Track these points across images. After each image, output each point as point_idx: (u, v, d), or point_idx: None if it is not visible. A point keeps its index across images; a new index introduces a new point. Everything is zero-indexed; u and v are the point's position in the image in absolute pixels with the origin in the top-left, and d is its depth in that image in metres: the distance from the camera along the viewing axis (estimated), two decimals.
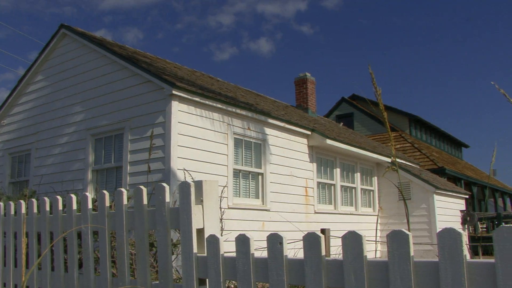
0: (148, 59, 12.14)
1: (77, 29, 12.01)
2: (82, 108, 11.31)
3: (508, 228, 1.91)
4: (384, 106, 3.36)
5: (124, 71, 10.59)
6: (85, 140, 11.02)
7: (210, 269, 2.91)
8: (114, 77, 10.80)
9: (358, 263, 2.29)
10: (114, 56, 10.74)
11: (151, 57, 13.13)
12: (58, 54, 12.44)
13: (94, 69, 11.32)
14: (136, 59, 10.86)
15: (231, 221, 9.77)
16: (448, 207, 17.30)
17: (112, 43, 12.30)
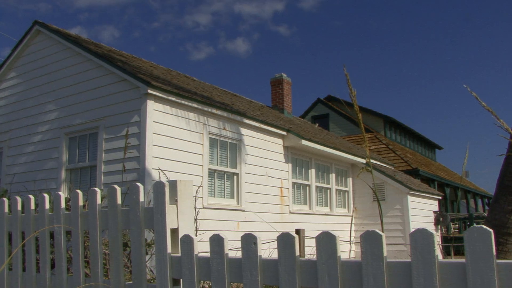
0: (124, 58, 12.05)
1: (51, 26, 11.85)
2: (56, 106, 11.17)
3: (478, 229, 1.95)
4: (359, 107, 3.39)
5: (99, 70, 10.50)
6: (59, 138, 10.89)
7: (184, 269, 2.91)
8: (89, 75, 10.69)
9: (332, 263, 2.30)
10: (89, 54, 10.63)
11: (126, 56, 13.03)
12: (32, 51, 12.26)
13: (69, 67, 11.19)
14: (112, 58, 10.77)
15: (206, 221, 9.75)
16: (421, 208, 17.50)
17: (87, 41, 12.17)
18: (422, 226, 2.10)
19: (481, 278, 1.91)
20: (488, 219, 7.15)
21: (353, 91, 3.32)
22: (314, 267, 2.38)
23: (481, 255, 1.92)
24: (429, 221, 17.95)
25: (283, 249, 2.48)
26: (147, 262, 4.04)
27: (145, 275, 3.19)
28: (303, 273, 2.43)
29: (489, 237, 1.92)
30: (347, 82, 3.34)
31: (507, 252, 6.81)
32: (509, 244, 6.82)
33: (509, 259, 6.55)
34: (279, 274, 2.48)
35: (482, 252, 1.92)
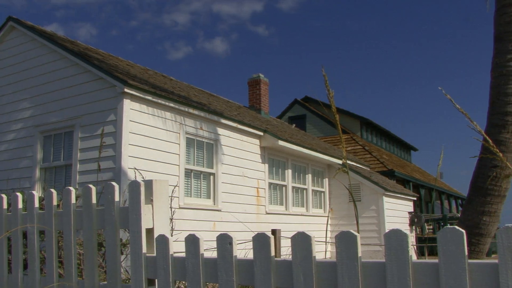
0: (100, 56, 11.95)
1: (26, 23, 11.69)
2: (31, 104, 11.02)
3: (451, 230, 1.97)
4: (336, 108, 3.41)
5: (75, 68, 10.39)
6: (33, 137, 10.75)
7: (159, 269, 2.89)
8: (65, 73, 10.57)
9: (307, 264, 2.31)
10: (65, 52, 10.52)
11: (103, 54, 12.92)
12: (6, 47, 12.07)
13: (44, 65, 11.05)
14: (88, 56, 10.67)
15: (182, 221, 9.71)
16: (396, 209, 17.66)
17: (63, 38, 12.03)
18: (397, 227, 2.12)
19: (454, 278, 1.94)
20: (462, 220, 7.25)
21: (331, 92, 3.34)
22: (289, 267, 2.39)
23: (454, 256, 1.95)
24: (404, 221, 18.13)
25: (259, 250, 2.48)
26: (122, 262, 4.01)
27: (120, 275, 3.17)
28: (279, 273, 2.43)
29: (462, 237, 1.94)
30: (325, 83, 3.35)
31: (479, 252, 6.92)
32: (481, 245, 6.93)
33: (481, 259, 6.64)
34: (255, 274, 2.48)
35: (454, 252, 1.94)
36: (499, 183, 6.81)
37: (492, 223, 6.93)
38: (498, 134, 6.83)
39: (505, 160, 3.33)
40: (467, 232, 2.90)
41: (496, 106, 6.98)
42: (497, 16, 7.29)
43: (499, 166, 6.76)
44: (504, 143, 6.80)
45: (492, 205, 6.85)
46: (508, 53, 6.96)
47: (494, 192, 6.84)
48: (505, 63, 6.96)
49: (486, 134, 3.69)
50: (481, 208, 6.89)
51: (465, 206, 7.29)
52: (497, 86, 7.03)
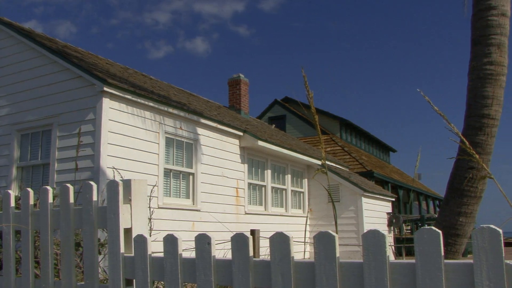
0: (80, 54, 11.84)
1: (3, 19, 11.53)
2: (8, 102, 10.88)
3: (428, 230, 1.99)
4: (316, 109, 3.42)
5: (53, 65, 10.27)
6: (10, 135, 10.61)
7: (137, 270, 2.88)
8: (43, 71, 10.45)
9: (285, 264, 2.32)
10: (43, 49, 10.40)
11: (82, 52, 12.80)
12: None
13: (21, 62, 10.90)
14: (67, 54, 10.56)
15: (161, 221, 9.67)
16: (375, 209, 17.79)
17: (41, 36, 11.89)
18: (375, 227, 2.14)
19: (430, 278, 1.96)
20: (439, 221, 7.33)
21: (310, 92, 3.35)
22: (267, 267, 2.39)
23: (430, 256, 1.97)
24: (383, 222, 18.28)
25: (237, 250, 2.48)
26: (100, 262, 3.98)
27: (98, 275, 3.14)
28: (257, 273, 2.44)
29: (438, 238, 1.96)
30: (305, 83, 3.36)
31: (455, 252, 7.00)
32: (457, 245, 7.01)
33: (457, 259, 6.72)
34: (233, 274, 2.49)
35: (431, 252, 1.97)
36: (475, 185, 6.90)
37: (468, 224, 7.02)
38: (474, 136, 6.92)
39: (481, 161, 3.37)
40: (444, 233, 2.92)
41: (473, 108, 7.08)
42: (474, 20, 7.39)
43: (476, 167, 6.85)
44: (481, 145, 6.89)
45: (468, 206, 6.94)
46: (484, 57, 7.06)
47: (470, 193, 6.93)
48: (482, 66, 7.06)
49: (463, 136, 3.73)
50: (458, 209, 6.97)
51: (442, 207, 7.38)
52: (474, 88, 7.12)
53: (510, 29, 7.23)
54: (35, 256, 4.55)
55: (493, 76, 6.98)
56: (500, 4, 7.16)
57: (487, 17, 7.15)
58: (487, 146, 6.94)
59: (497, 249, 1.85)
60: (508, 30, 7.20)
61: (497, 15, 7.13)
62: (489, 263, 1.85)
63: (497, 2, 7.15)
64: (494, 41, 7.08)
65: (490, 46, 7.08)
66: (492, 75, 6.98)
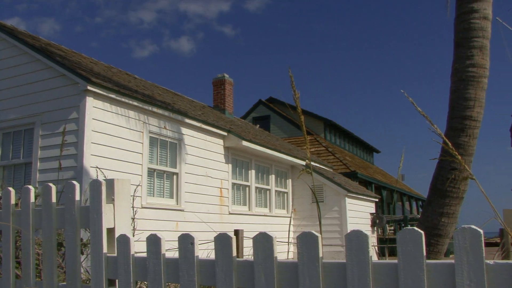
0: (63, 52, 11.74)
1: None
2: None
3: (410, 231, 2.01)
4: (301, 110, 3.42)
5: (36, 63, 10.18)
6: None
7: (120, 270, 2.87)
8: (25, 69, 10.35)
9: (268, 264, 2.32)
10: (26, 47, 10.30)
11: (66, 50, 12.70)
12: None
13: (3, 59, 10.79)
14: (50, 52, 10.48)
15: (144, 220, 9.63)
16: (359, 210, 17.88)
17: (23, 33, 11.78)
18: (359, 228, 2.16)
19: (412, 278, 1.97)
20: (421, 221, 7.38)
21: (297, 93, 3.35)
22: (251, 267, 2.39)
23: (412, 256, 1.98)
24: (366, 222, 18.37)
25: (220, 250, 2.48)
26: (83, 262, 3.95)
27: (80, 275, 3.12)
28: (240, 273, 2.44)
29: (420, 238, 1.98)
30: (292, 84, 3.36)
31: (437, 252, 7.06)
32: (439, 245, 7.07)
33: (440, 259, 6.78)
34: (216, 274, 2.48)
35: (413, 253, 1.98)
36: (458, 185, 6.96)
37: (450, 224, 7.08)
38: (457, 138, 6.98)
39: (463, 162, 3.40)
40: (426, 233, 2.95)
41: (455, 110, 7.14)
42: (457, 23, 7.46)
43: (458, 168, 6.91)
44: (463, 146, 6.95)
45: (450, 207, 7.00)
46: (467, 59, 7.13)
47: (452, 194, 6.99)
48: (464, 69, 7.12)
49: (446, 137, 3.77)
50: (440, 210, 7.03)
51: (425, 207, 7.43)
52: (456, 90, 7.18)
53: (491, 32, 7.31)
54: (16, 256, 4.51)
55: (475, 78, 7.05)
56: (482, 7, 7.23)
57: (469, 20, 7.22)
58: (469, 147, 7.01)
59: (477, 249, 1.87)
60: (489, 33, 7.27)
61: (479, 18, 7.20)
62: (470, 263, 1.87)
63: (479, 5, 7.23)
64: (476, 44, 7.15)
65: (473, 48, 7.15)
66: (475, 77, 7.05)
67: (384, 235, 22.73)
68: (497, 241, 16.65)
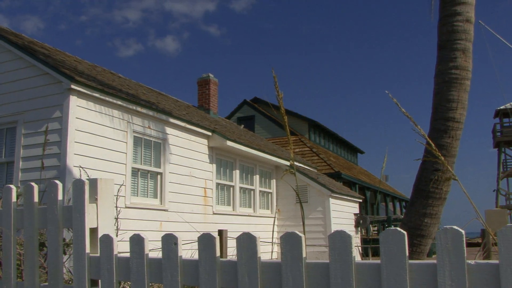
0: (47, 51, 11.64)
1: None
2: None
3: (393, 231, 2.02)
4: (285, 110, 3.43)
5: (19, 61, 10.09)
6: None
7: (103, 270, 2.85)
8: (8, 67, 10.26)
9: (252, 264, 2.32)
10: (9, 45, 10.20)
11: (49, 49, 12.60)
12: None
13: None
14: (33, 50, 10.39)
15: (128, 220, 9.59)
16: (343, 210, 17.94)
17: (6, 31, 11.66)
18: (343, 228, 2.16)
19: (394, 278, 1.99)
20: (404, 222, 7.43)
21: (280, 93, 3.36)
22: (234, 267, 2.39)
23: (395, 256, 2.00)
24: (350, 223, 18.45)
25: (204, 250, 2.48)
26: (65, 262, 3.93)
27: (62, 275, 3.10)
28: (224, 273, 2.44)
29: (403, 239, 1.99)
30: (275, 84, 3.36)
31: (420, 253, 7.11)
32: (422, 245, 7.13)
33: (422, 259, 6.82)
34: (200, 275, 2.48)
35: (396, 253, 1.99)
36: (440, 186, 7.02)
37: (433, 225, 7.14)
38: (440, 139, 7.04)
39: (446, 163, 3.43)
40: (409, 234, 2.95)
41: (438, 111, 7.20)
42: (440, 25, 7.53)
43: (441, 169, 6.98)
44: (446, 147, 7.02)
45: (433, 207, 7.06)
46: (450, 61, 7.19)
47: (435, 195, 7.04)
48: (447, 71, 7.19)
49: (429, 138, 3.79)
50: (423, 210, 7.08)
51: (408, 208, 7.48)
52: (440, 92, 7.24)
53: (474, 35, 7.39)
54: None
55: (458, 80, 7.11)
56: (465, 10, 7.30)
57: (452, 23, 7.29)
58: (452, 148, 7.07)
59: (459, 249, 1.88)
60: (472, 35, 7.35)
61: (462, 21, 7.27)
62: (452, 263, 1.89)
63: (462, 8, 7.30)
64: (459, 46, 7.22)
65: (456, 51, 7.21)
66: (457, 79, 7.12)
67: (368, 235, 22.85)
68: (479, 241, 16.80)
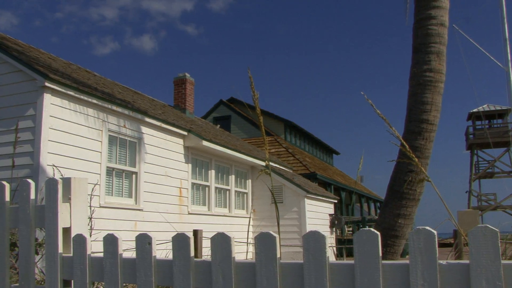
0: (20, 47, 11.47)
1: None
2: None
3: (366, 232, 2.04)
4: (261, 110, 3.44)
5: None
6: None
7: (76, 270, 2.82)
8: None
9: (226, 264, 2.32)
10: None
11: (23, 45, 12.41)
12: None
13: None
14: (6, 46, 10.22)
15: (102, 220, 9.50)
16: (318, 211, 18.03)
17: None
18: (318, 229, 2.17)
19: (368, 278, 2.00)
20: (378, 222, 7.50)
21: (256, 93, 3.36)
22: (208, 267, 2.39)
23: (369, 256, 2.01)
24: (325, 223, 18.54)
25: (178, 250, 2.47)
26: (38, 262, 3.88)
27: (34, 276, 3.06)
28: (198, 274, 2.43)
29: (376, 239, 2.01)
30: (251, 84, 3.37)
31: (394, 253, 7.19)
32: (396, 246, 7.20)
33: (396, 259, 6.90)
34: (174, 275, 2.47)
35: (369, 253, 2.01)
36: (414, 187, 7.11)
37: (406, 226, 7.22)
38: (414, 140, 7.13)
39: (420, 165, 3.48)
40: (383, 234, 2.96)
41: (413, 113, 7.28)
42: (415, 29, 7.63)
43: (415, 171, 7.06)
44: (420, 149, 7.10)
45: (407, 208, 7.14)
46: (425, 64, 7.28)
47: (409, 196, 7.13)
48: (422, 73, 7.28)
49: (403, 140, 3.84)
50: (397, 211, 7.16)
51: (382, 209, 7.56)
52: (414, 94, 7.33)
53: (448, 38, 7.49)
54: None
55: (432, 83, 7.21)
56: (439, 14, 7.41)
57: (427, 26, 7.39)
58: (425, 150, 7.16)
59: (431, 250, 1.91)
60: (446, 39, 7.46)
61: (436, 25, 7.37)
62: (424, 263, 1.91)
63: (437, 12, 7.40)
64: (433, 49, 7.31)
65: (430, 54, 7.31)
66: (431, 81, 7.21)
67: (343, 236, 23.00)
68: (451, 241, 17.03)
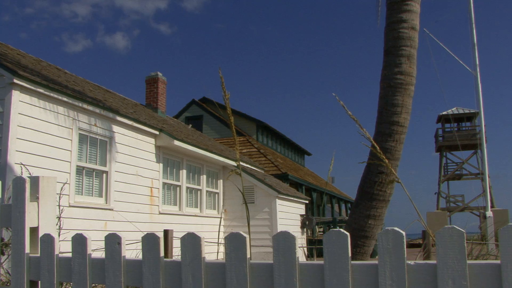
0: None
1: None
2: None
3: (336, 232, 2.05)
4: (233, 111, 3.45)
5: None
6: None
7: (43, 271, 2.78)
8: None
9: (196, 265, 2.32)
10: None
11: None
12: None
13: None
14: None
15: (71, 220, 9.38)
16: (289, 211, 18.09)
17: None
18: (289, 229, 2.18)
19: (337, 278, 2.02)
20: (349, 223, 7.56)
21: (227, 93, 3.37)
22: (178, 268, 2.38)
23: (338, 257, 2.03)
24: (296, 224, 18.61)
25: (148, 250, 2.46)
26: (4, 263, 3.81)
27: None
28: (168, 274, 2.42)
29: (346, 240, 2.03)
30: (222, 84, 3.38)
31: (364, 253, 7.25)
32: (366, 246, 7.27)
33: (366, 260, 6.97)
34: (143, 275, 2.45)
35: (339, 254, 2.03)
36: (384, 189, 7.19)
37: (376, 226, 7.29)
38: (385, 142, 7.21)
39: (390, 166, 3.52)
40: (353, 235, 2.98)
41: (383, 115, 7.36)
42: (387, 31, 7.71)
43: (385, 172, 7.14)
44: (390, 150, 7.18)
45: (377, 209, 7.21)
46: (395, 66, 7.37)
47: (379, 197, 7.20)
48: (392, 76, 7.36)
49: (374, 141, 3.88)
50: (367, 212, 7.23)
51: (353, 209, 7.62)
52: (385, 96, 7.41)
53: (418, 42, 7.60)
54: None
55: (403, 85, 7.30)
56: (410, 18, 7.51)
57: (398, 29, 7.48)
58: (396, 152, 7.25)
59: (400, 250, 1.93)
60: (417, 43, 7.56)
61: (407, 28, 7.47)
62: (392, 264, 1.94)
63: (408, 16, 7.50)
64: (404, 52, 7.41)
65: (401, 56, 7.40)
66: (402, 84, 7.30)
67: (314, 236, 23.11)
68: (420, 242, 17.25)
